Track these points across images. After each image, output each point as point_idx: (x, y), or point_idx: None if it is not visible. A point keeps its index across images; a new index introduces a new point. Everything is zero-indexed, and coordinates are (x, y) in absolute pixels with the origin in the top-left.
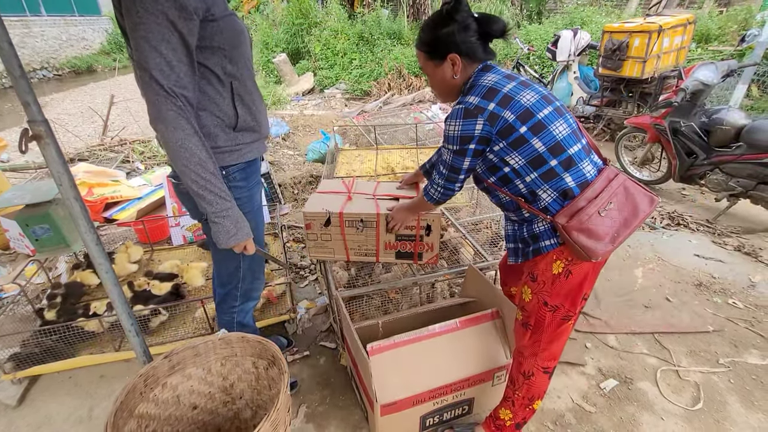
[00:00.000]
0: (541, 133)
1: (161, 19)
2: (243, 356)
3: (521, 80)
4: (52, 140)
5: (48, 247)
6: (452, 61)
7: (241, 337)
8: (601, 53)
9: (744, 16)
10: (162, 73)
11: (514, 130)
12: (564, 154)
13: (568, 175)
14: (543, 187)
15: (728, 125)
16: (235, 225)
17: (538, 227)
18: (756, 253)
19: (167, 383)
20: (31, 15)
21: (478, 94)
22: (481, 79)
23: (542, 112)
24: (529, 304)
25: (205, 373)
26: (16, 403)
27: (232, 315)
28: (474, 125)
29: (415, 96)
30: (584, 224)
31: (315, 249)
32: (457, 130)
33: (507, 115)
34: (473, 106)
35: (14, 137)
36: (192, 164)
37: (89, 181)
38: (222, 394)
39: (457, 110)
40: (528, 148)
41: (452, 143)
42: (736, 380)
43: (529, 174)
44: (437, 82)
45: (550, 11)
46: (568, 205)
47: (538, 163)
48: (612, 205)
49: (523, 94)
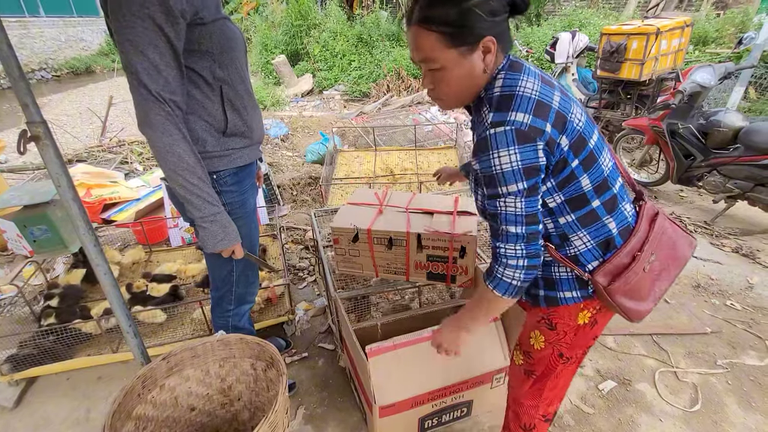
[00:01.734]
0: (591, 169)
1: (148, 23)
2: (241, 358)
3: (559, 86)
4: (51, 141)
5: (46, 249)
6: (486, 48)
7: (239, 339)
8: (599, 55)
9: (741, 19)
10: (150, 77)
11: (566, 165)
12: (608, 193)
13: (612, 219)
14: (579, 233)
15: (726, 127)
16: (223, 230)
17: (558, 273)
18: (754, 255)
19: (165, 385)
20: (30, 16)
21: (525, 109)
22: (516, 83)
23: (593, 139)
24: (539, 352)
25: (203, 374)
26: (13, 404)
27: (226, 319)
28: (536, 151)
29: (414, 97)
30: (630, 285)
31: (343, 264)
32: (516, 160)
33: (563, 142)
34: (527, 126)
35: (12, 138)
36: (180, 169)
37: (88, 182)
38: (220, 396)
39: (499, 134)
40: (574, 186)
41: (514, 180)
42: (734, 381)
43: (564, 215)
44: (457, 80)
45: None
46: (609, 260)
47: (579, 203)
48: (654, 257)
49: (573, 111)
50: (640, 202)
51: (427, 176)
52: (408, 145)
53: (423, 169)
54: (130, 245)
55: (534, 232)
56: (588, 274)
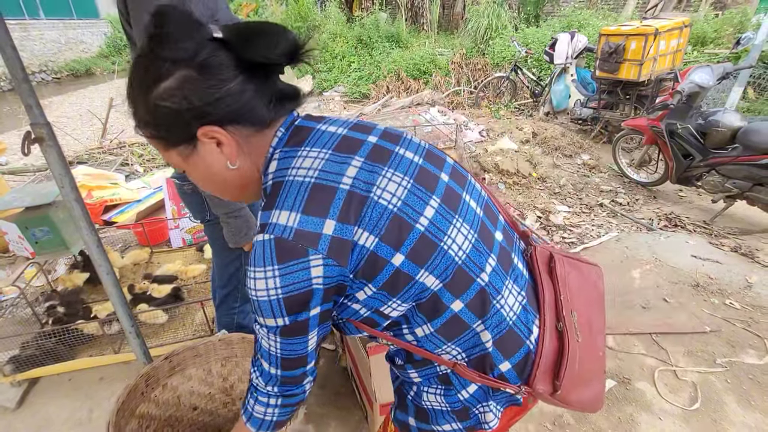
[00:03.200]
0: (431, 259)
1: None
2: (243, 357)
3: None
4: (55, 143)
5: (47, 250)
6: (212, 138)
7: (241, 338)
8: (598, 56)
9: (740, 19)
10: None
11: (383, 263)
12: (473, 288)
13: (485, 327)
14: (444, 348)
15: (724, 127)
16: (246, 224)
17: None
18: (752, 254)
19: (168, 384)
20: (30, 18)
21: (291, 204)
22: (290, 164)
23: (424, 215)
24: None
25: (205, 374)
26: (15, 405)
27: (232, 316)
28: (305, 272)
29: (414, 99)
30: (577, 369)
31: None
32: (275, 287)
33: (363, 238)
34: (291, 233)
35: (13, 140)
36: None
37: (88, 184)
38: (222, 395)
39: (259, 247)
40: (413, 288)
41: (272, 315)
42: (733, 380)
43: (419, 325)
44: (205, 181)
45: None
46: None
47: (432, 309)
48: (575, 314)
49: (382, 182)
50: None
51: None
52: None
53: None
54: (131, 246)
55: (293, 378)
56: (521, 387)
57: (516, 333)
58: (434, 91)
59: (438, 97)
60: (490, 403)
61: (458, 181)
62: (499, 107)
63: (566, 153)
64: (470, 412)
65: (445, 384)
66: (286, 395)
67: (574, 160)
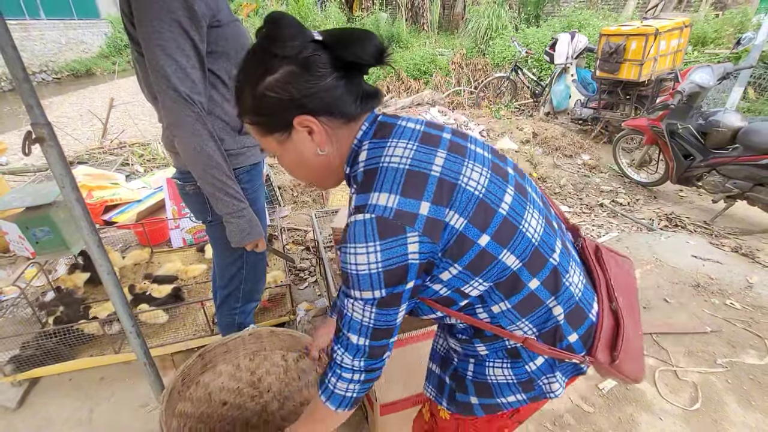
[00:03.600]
0: (513, 240)
1: (174, 26)
2: (272, 350)
3: (450, 138)
4: (55, 143)
5: (48, 250)
6: (304, 127)
7: (270, 332)
8: (598, 56)
9: (740, 19)
10: (179, 79)
11: (470, 244)
12: (547, 267)
13: (556, 301)
14: (519, 324)
15: (725, 127)
16: (249, 224)
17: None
18: (753, 254)
19: (200, 381)
20: (30, 18)
21: (390, 187)
22: (381, 153)
23: (504, 201)
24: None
25: (234, 369)
26: (15, 405)
27: (233, 316)
28: (403, 247)
29: (414, 99)
30: (630, 343)
31: None
32: (375, 261)
33: (454, 219)
34: (392, 212)
35: (13, 141)
36: (209, 167)
37: (89, 184)
38: (250, 389)
39: (359, 224)
40: (496, 267)
41: (368, 287)
42: (733, 380)
43: (496, 302)
44: (294, 165)
45: (548, 15)
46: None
47: (510, 287)
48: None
49: (466, 172)
50: (579, 239)
51: None
52: None
53: None
54: (131, 246)
55: (380, 348)
56: (586, 357)
57: (581, 308)
58: (434, 92)
59: (438, 97)
60: (556, 374)
61: (520, 176)
62: (500, 107)
63: (566, 153)
64: (535, 383)
65: (513, 357)
66: (369, 370)
67: (575, 161)
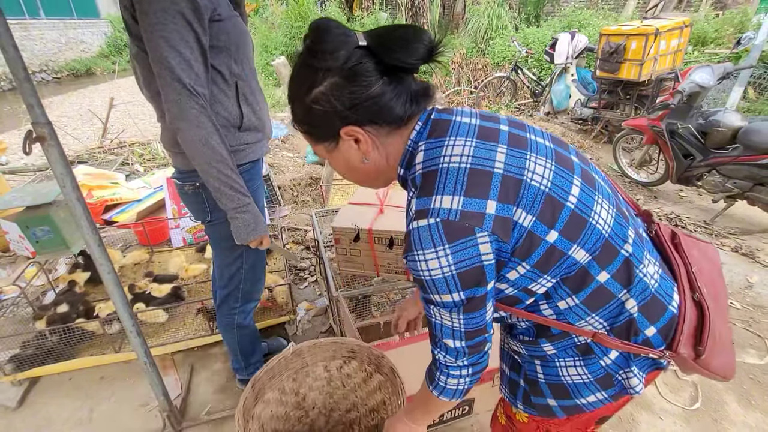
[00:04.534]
0: (581, 236)
1: (178, 18)
2: (314, 363)
3: (508, 130)
4: (56, 142)
5: (48, 249)
6: (351, 137)
7: (313, 345)
8: (598, 56)
9: (740, 19)
10: (183, 71)
11: (539, 241)
12: (618, 259)
13: (629, 295)
14: (589, 320)
15: (725, 127)
16: (254, 219)
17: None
18: (753, 254)
19: (254, 414)
20: (30, 18)
21: (452, 189)
22: (439, 153)
23: (572, 195)
24: (522, 425)
25: (279, 394)
26: (15, 404)
27: (232, 317)
28: (475, 248)
29: None
30: (717, 338)
31: (345, 263)
32: (448, 265)
33: (522, 217)
34: (457, 214)
35: (13, 140)
36: (214, 161)
37: (89, 184)
38: (296, 411)
39: (425, 230)
40: (565, 263)
41: (448, 291)
42: (733, 380)
43: (564, 298)
44: (344, 170)
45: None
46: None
47: (579, 282)
48: (703, 281)
49: (530, 166)
50: (652, 225)
51: None
52: None
53: None
54: (131, 246)
55: (479, 345)
56: (666, 352)
57: (659, 299)
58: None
59: (438, 96)
60: (632, 368)
61: (585, 163)
62: (500, 107)
63: None
64: (614, 378)
65: (584, 354)
66: (474, 364)
67: None
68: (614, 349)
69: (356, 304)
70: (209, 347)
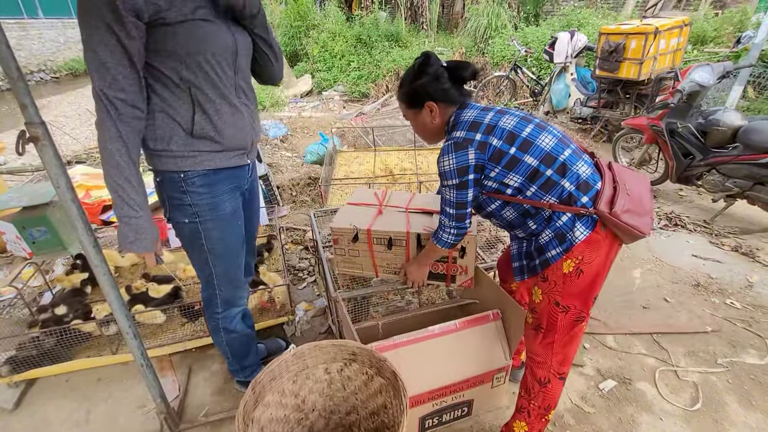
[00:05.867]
0: (530, 149)
1: (98, 22)
2: (314, 366)
3: (498, 109)
4: (50, 142)
5: (45, 250)
6: (429, 108)
7: (313, 347)
8: (598, 55)
9: (739, 18)
10: (98, 74)
11: (504, 153)
12: (557, 162)
13: (566, 180)
14: (545, 198)
15: (725, 126)
16: (135, 233)
17: (543, 239)
18: (753, 254)
19: (254, 418)
20: (28, 17)
21: (462, 128)
22: (461, 116)
23: (525, 131)
24: (539, 305)
25: (279, 396)
26: (12, 406)
27: (216, 321)
28: (467, 155)
29: None
30: (627, 205)
31: (343, 264)
32: (452, 163)
33: (494, 141)
34: (461, 138)
35: (11, 140)
36: (110, 166)
37: (87, 184)
38: (296, 413)
39: (446, 146)
40: (522, 165)
41: (451, 177)
42: (734, 380)
43: (529, 188)
44: (419, 127)
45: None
46: (599, 194)
47: (535, 176)
48: (628, 186)
49: (503, 120)
50: (594, 159)
51: (426, 176)
52: (407, 145)
53: (422, 169)
54: None
55: (461, 215)
56: (590, 208)
57: (588, 183)
58: None
59: None
60: (577, 225)
61: (543, 122)
62: None
63: None
64: (566, 236)
65: (548, 221)
66: (457, 227)
67: None
68: (565, 213)
69: (355, 305)
70: (207, 348)
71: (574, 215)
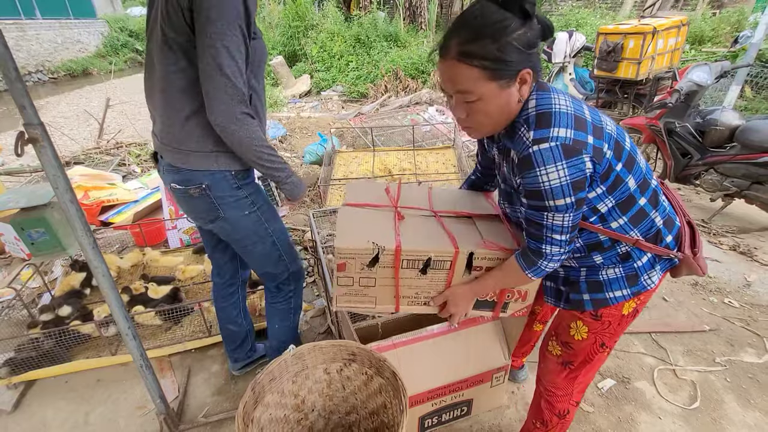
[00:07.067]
0: (633, 169)
1: (238, 30)
2: (314, 366)
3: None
4: (48, 143)
5: (44, 251)
6: (523, 79)
7: (313, 347)
8: (596, 55)
9: (737, 18)
10: (237, 79)
11: (612, 170)
12: (649, 190)
13: (657, 213)
14: (632, 232)
15: (722, 126)
16: (299, 178)
17: (606, 275)
18: (751, 253)
19: (254, 418)
20: (26, 18)
21: (566, 124)
22: (550, 101)
23: (627, 142)
24: (580, 343)
25: (279, 396)
26: (11, 408)
27: (289, 300)
28: (583, 163)
29: (412, 98)
30: (699, 246)
31: (347, 298)
32: (564, 176)
33: (606, 151)
34: (571, 140)
35: (9, 141)
36: (264, 150)
37: (85, 185)
38: (295, 413)
39: (547, 151)
40: (622, 189)
41: (562, 195)
42: (732, 379)
43: (617, 219)
44: (495, 110)
45: (546, 13)
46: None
47: (628, 204)
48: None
49: (604, 120)
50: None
51: (425, 176)
52: (406, 145)
53: (421, 169)
54: (128, 247)
55: (573, 237)
56: (673, 250)
57: (671, 217)
58: (432, 90)
59: (436, 96)
60: (656, 268)
61: None
62: None
63: None
64: (639, 277)
65: (624, 259)
66: (567, 252)
67: None
68: (647, 252)
69: None
70: (207, 349)
71: (654, 256)
